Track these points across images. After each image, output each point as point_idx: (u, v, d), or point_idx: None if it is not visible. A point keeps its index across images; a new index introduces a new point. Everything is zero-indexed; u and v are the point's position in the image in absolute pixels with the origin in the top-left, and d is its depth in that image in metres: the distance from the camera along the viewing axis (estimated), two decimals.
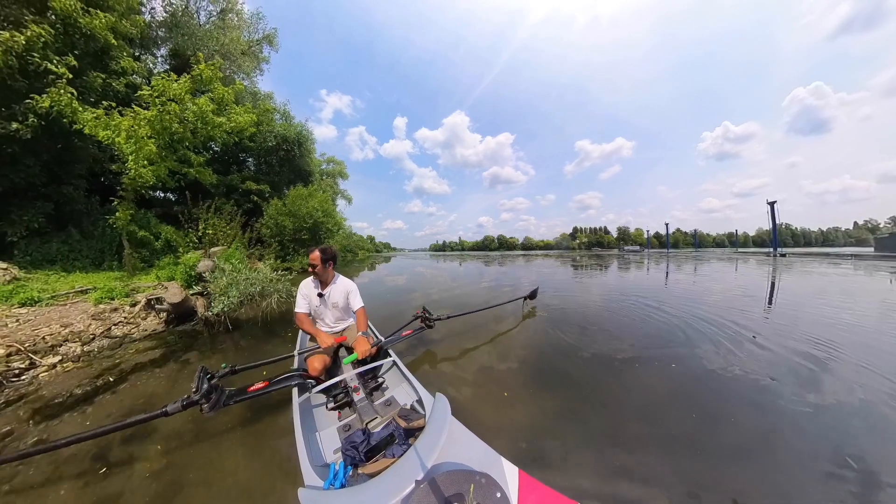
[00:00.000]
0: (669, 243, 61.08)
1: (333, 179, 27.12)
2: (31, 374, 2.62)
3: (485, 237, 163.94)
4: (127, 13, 7.40)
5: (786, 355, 2.83)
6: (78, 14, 6.29)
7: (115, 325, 3.77)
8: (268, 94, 16.69)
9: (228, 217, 8.51)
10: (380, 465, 1.17)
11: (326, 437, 1.53)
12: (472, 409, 1.99)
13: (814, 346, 3.03)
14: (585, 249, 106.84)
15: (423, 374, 2.55)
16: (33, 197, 6.76)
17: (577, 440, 1.70)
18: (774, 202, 28.23)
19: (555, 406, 2.04)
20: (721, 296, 6.05)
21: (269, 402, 2.03)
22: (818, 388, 2.24)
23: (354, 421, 1.57)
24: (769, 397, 2.11)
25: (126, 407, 2.17)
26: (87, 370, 2.78)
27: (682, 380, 2.40)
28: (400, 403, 1.69)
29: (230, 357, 3.16)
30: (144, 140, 5.81)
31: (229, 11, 14.22)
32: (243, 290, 4.38)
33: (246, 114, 7.63)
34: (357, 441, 1.31)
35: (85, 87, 6.79)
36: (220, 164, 13.96)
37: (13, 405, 2.19)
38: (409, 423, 1.42)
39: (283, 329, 4.07)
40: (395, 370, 2.09)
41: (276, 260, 10.34)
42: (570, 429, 1.80)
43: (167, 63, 12.53)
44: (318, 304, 2.28)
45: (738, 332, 3.56)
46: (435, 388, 1.59)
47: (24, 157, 6.38)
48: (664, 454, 1.58)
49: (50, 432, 1.88)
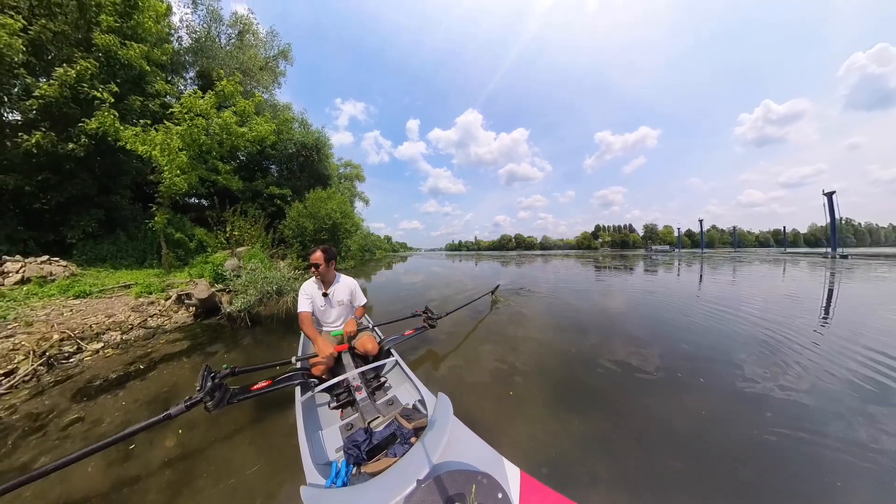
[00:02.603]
0: (704, 242, 50.87)
1: (351, 182, 27.59)
2: (78, 358, 2.94)
3: (501, 236, 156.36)
4: (158, 43, 7.92)
5: (847, 379, 2.31)
6: (117, 47, 6.84)
7: (151, 317, 4.11)
8: (286, 105, 17.28)
9: (252, 219, 9.01)
10: (382, 465, 1.15)
11: (329, 435, 1.51)
12: (474, 410, 1.95)
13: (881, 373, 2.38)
14: (609, 249, 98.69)
15: (425, 374, 2.52)
16: (88, 205, 7.49)
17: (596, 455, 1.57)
18: (832, 193, 22.91)
19: (580, 427, 1.82)
20: (764, 305, 4.92)
21: (273, 401, 2.03)
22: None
23: (357, 420, 1.53)
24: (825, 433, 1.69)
25: (152, 393, 2.30)
26: (123, 357, 3.05)
27: (709, 401, 2.05)
28: (402, 403, 1.65)
29: (248, 351, 3.25)
30: (177, 152, 6.25)
31: (246, 32, 14.91)
32: (261, 288, 4.60)
33: (265, 123, 8.01)
34: (359, 440, 1.29)
35: (126, 109, 7.37)
36: (247, 171, 14.67)
37: (60, 384, 2.48)
38: (412, 422, 1.40)
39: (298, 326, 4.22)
40: (398, 370, 2.05)
41: (297, 259, 10.81)
42: (591, 449, 1.63)
43: (195, 83, 13.31)
44: (322, 303, 2.23)
45: (788, 349, 2.92)
46: (437, 387, 1.57)
47: (79, 171, 7.09)
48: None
49: (87, 412, 2.08)
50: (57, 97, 6.18)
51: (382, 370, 2.11)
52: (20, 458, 1.65)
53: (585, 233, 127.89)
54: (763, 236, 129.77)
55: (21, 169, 6.44)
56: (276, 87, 16.57)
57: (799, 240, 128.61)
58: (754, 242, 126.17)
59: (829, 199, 23.39)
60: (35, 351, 2.73)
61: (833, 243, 24.45)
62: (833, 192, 23.15)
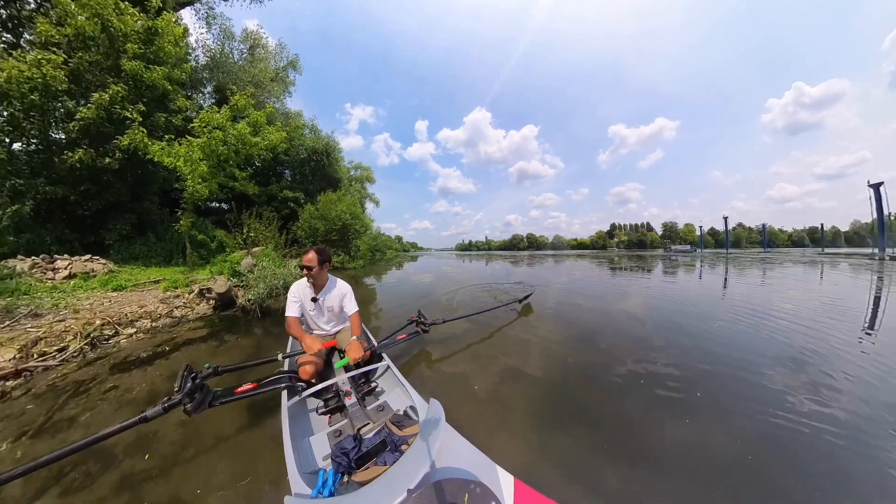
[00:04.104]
0: (729, 242, 45.55)
1: (361, 184, 27.75)
2: (115, 340, 3.40)
3: (513, 236, 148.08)
4: (178, 63, 8.46)
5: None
6: (142, 71, 7.41)
7: (176, 308, 4.57)
8: (297, 113, 17.91)
9: (267, 222, 9.56)
10: (371, 473, 1.09)
11: (316, 442, 1.41)
12: (467, 416, 1.85)
13: None
14: (625, 249, 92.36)
15: (417, 379, 2.34)
16: (122, 211, 8.23)
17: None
18: (880, 184, 19.35)
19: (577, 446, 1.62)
20: (798, 314, 4.14)
21: (257, 405, 1.93)
22: None
23: (345, 426, 1.44)
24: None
25: (174, 369, 2.55)
26: (152, 340, 3.48)
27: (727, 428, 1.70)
28: (393, 409, 1.56)
29: (257, 338, 3.40)
30: (198, 162, 6.78)
31: (256, 46, 15.65)
32: (269, 283, 5.02)
33: (277, 132, 8.48)
34: (348, 447, 1.22)
35: (153, 125, 8.01)
36: (262, 176, 15.35)
37: (101, 360, 2.92)
38: (402, 429, 1.33)
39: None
40: (389, 374, 1.93)
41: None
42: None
43: (213, 97, 14.09)
44: (311, 308, 2.08)
45: (833, 375, 2.30)
46: (429, 393, 1.50)
47: (114, 182, 7.80)
48: None
49: (121, 382, 2.44)
50: (94, 118, 6.84)
51: (373, 375, 1.98)
52: (69, 413, 2.04)
53: (601, 232, 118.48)
54: (797, 235, 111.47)
55: (66, 181, 7.17)
56: (287, 95, 17.26)
57: (839, 239, 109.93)
58: (787, 242, 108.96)
59: (876, 191, 19.65)
60: (81, 333, 3.20)
61: (881, 242, 20.08)
62: (881, 184, 19.36)
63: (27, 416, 2.01)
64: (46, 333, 3.09)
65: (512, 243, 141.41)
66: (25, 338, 2.94)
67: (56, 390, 2.35)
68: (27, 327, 3.21)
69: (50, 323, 3.37)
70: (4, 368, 2.49)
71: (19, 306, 3.68)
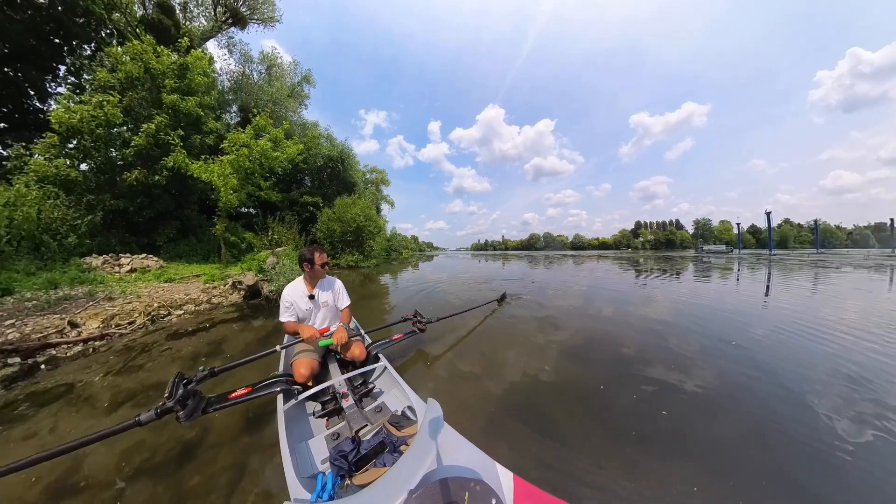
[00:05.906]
0: (772, 241, 34.84)
1: (377, 187, 27.88)
2: (168, 318, 4.23)
3: (530, 235, 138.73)
4: (207, 90, 9.51)
5: None
6: (179, 102, 8.49)
7: (214, 297, 5.38)
8: (313, 123, 18.95)
9: (288, 225, 10.53)
10: (370, 476, 1.08)
11: (314, 446, 1.37)
12: (464, 414, 1.81)
13: None
14: (652, 249, 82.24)
15: (414, 379, 2.27)
16: (169, 218, 9.50)
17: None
18: None
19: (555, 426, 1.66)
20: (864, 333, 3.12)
21: (254, 409, 1.88)
22: None
23: (343, 429, 1.40)
24: None
25: (211, 340, 3.20)
26: (195, 319, 4.25)
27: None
28: (391, 409, 1.52)
29: (274, 321, 3.69)
30: (228, 176, 7.75)
31: (272, 66, 16.92)
32: (288, 277, 5.78)
33: (294, 145, 9.42)
34: (346, 450, 1.19)
35: (190, 146, 9.12)
36: (284, 183, 16.46)
37: (158, 331, 3.71)
38: (401, 429, 1.30)
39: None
40: (386, 375, 1.89)
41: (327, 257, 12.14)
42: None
43: (238, 116, 15.43)
44: (307, 307, 2.04)
45: None
46: (427, 392, 1.44)
47: (163, 195, 9.02)
48: None
49: (174, 346, 3.12)
50: (145, 145, 8.01)
51: (370, 376, 1.93)
52: (138, 362, 2.76)
53: (624, 230, 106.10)
54: (859, 232, 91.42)
55: (126, 195, 8.42)
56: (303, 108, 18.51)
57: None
58: (846, 241, 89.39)
59: None
60: (144, 312, 4.03)
61: None
62: None
63: (110, 363, 2.77)
64: (119, 311, 3.95)
65: (529, 243, 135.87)
66: (105, 314, 3.79)
67: (129, 349, 3.13)
68: (105, 307, 4.09)
69: (122, 304, 4.25)
70: (93, 333, 3.31)
71: (98, 292, 4.63)
